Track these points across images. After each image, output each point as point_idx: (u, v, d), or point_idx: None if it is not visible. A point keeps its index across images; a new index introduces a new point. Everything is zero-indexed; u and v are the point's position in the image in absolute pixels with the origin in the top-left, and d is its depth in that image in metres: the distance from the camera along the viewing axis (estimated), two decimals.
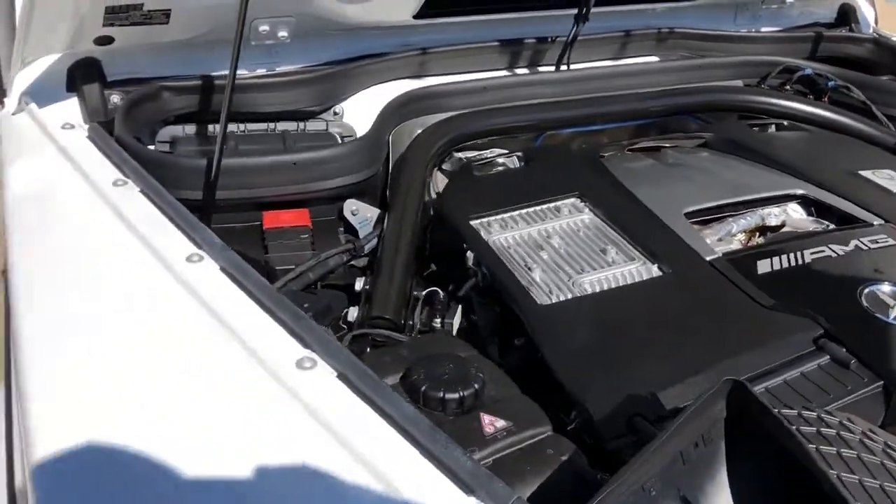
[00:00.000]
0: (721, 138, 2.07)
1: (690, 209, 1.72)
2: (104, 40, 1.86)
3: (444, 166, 2.08)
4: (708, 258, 1.55)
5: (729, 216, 1.77)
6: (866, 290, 1.45)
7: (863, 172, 1.90)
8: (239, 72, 2.17)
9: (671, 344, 1.35)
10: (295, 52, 2.18)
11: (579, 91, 2.21)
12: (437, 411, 1.18)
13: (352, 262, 1.71)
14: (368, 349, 1.45)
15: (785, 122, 2.25)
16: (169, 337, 1.15)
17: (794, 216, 1.82)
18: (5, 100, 2.00)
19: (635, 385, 1.24)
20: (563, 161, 2.00)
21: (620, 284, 1.50)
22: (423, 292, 1.56)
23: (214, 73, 2.11)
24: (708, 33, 2.63)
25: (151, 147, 2.06)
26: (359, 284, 1.60)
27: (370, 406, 0.98)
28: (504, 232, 1.65)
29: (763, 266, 1.53)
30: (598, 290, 1.48)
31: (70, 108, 1.93)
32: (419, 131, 2.03)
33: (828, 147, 2.11)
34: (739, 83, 2.44)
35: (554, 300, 1.45)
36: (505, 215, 1.71)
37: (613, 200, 1.75)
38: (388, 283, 1.56)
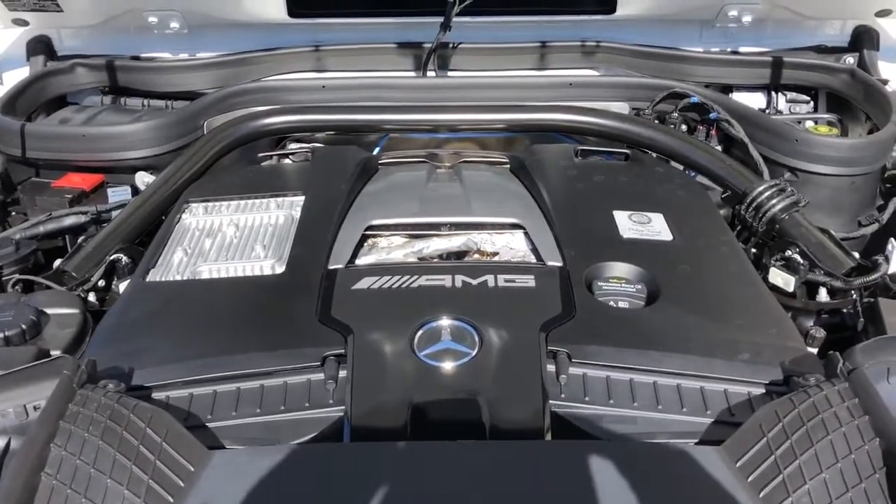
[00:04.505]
0: (515, 158, 1.98)
1: (376, 223, 1.73)
2: (21, 22, 2.32)
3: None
4: (332, 267, 1.58)
5: (435, 235, 1.74)
6: (431, 324, 1.40)
7: (616, 212, 1.73)
8: (161, 53, 2.56)
9: (197, 334, 1.44)
10: (208, 41, 2.48)
11: (425, 99, 2.22)
12: None
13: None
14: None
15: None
16: None
17: (516, 246, 1.73)
18: None
19: (131, 358, 1.36)
20: (333, 160, 2.03)
21: (234, 276, 1.60)
22: (111, 257, 1.78)
23: (124, 55, 2.49)
24: (641, 49, 2.42)
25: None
26: (80, 239, 1.87)
27: None
28: (204, 216, 1.80)
29: (366, 283, 1.52)
30: (210, 277, 1.60)
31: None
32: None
33: (616, 179, 1.90)
34: (625, 106, 2.26)
35: (160, 279, 1.60)
36: (222, 203, 1.84)
37: (326, 205, 1.80)
38: (93, 245, 1.79)
